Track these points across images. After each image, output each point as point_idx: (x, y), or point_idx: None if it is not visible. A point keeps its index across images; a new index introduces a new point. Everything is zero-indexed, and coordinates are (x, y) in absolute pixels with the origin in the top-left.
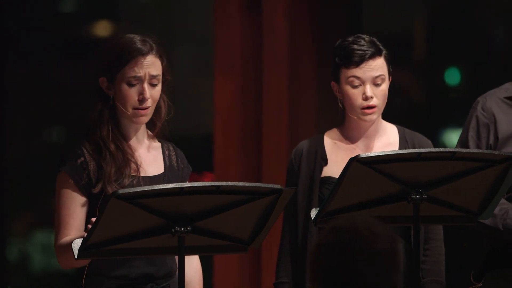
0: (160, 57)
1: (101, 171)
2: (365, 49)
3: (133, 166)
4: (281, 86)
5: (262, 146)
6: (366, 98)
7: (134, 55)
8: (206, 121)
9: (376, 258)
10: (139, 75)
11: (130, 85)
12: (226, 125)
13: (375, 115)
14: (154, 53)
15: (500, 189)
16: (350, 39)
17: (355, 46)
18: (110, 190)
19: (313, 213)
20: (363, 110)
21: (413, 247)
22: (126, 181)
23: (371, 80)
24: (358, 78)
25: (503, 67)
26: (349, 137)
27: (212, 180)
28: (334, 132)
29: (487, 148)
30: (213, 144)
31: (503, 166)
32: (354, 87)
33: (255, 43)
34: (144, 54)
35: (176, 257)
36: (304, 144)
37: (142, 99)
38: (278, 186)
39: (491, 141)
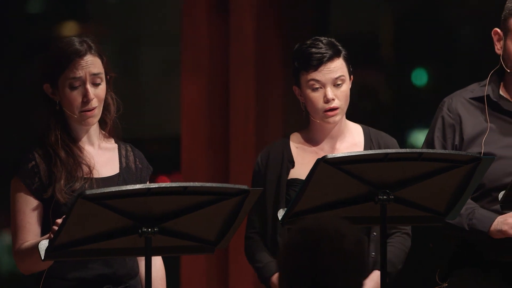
0: (100, 56)
1: (52, 176)
2: (323, 51)
3: (85, 168)
4: (248, 86)
5: (229, 147)
6: (327, 101)
7: (72, 57)
8: (173, 121)
9: (343, 258)
10: (79, 76)
11: (73, 87)
12: (193, 125)
13: (338, 117)
14: (92, 52)
15: (466, 190)
16: (308, 42)
17: (313, 50)
18: (60, 196)
19: (280, 213)
20: (325, 113)
21: (381, 247)
22: (78, 185)
23: (331, 82)
24: (318, 81)
25: (469, 68)
26: (314, 139)
27: (179, 181)
28: (299, 134)
29: (452, 149)
30: (180, 145)
31: (470, 166)
32: (315, 90)
33: (222, 43)
34: (82, 55)
35: (139, 258)
36: (270, 148)
37: (86, 100)
38: (245, 187)
39: (457, 141)
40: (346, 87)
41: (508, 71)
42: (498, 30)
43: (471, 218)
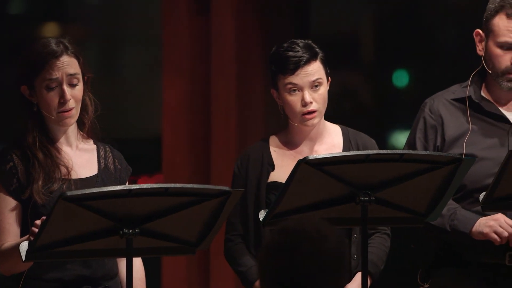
0: (76, 56)
1: (30, 177)
2: (300, 55)
3: (63, 169)
4: (229, 87)
5: (211, 148)
6: (305, 104)
7: (48, 58)
8: (155, 122)
9: (324, 259)
10: (55, 77)
11: (50, 89)
12: (174, 126)
13: (316, 119)
14: (69, 53)
15: (447, 191)
16: (285, 45)
17: (290, 53)
18: (37, 197)
19: (262, 214)
20: (303, 116)
21: (361, 248)
22: (56, 186)
23: (309, 85)
24: (295, 84)
25: (451, 69)
26: (293, 142)
27: (160, 182)
28: (279, 137)
29: (434, 150)
30: (161, 146)
31: (451, 167)
32: (292, 93)
33: (203, 44)
34: (58, 55)
35: (118, 259)
36: (249, 151)
37: (63, 101)
38: (226, 188)
39: (438, 142)
40: (323, 89)
41: (490, 72)
42: (480, 31)
43: (453, 219)
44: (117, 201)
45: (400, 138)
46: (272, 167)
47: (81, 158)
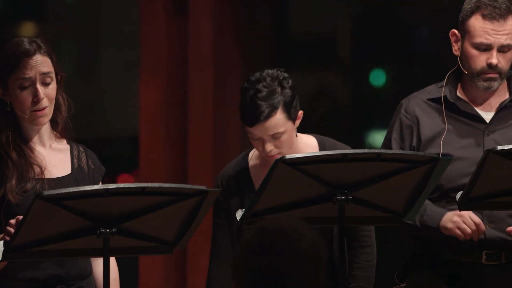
0: (49, 55)
1: (4, 177)
2: (258, 112)
3: (36, 169)
4: (206, 87)
5: (188, 147)
6: (268, 155)
7: (21, 57)
8: (132, 122)
9: (301, 259)
10: (28, 76)
11: (23, 88)
12: (151, 126)
13: (280, 155)
14: (42, 52)
15: (424, 190)
16: (249, 86)
17: (250, 106)
18: (11, 197)
19: (239, 214)
20: (268, 157)
21: (338, 248)
22: (29, 185)
23: (269, 137)
24: (255, 134)
25: (427, 69)
26: (271, 160)
27: (137, 181)
28: (257, 154)
29: (410, 150)
30: (138, 145)
31: (428, 167)
32: (254, 140)
33: (181, 44)
34: (31, 54)
35: (92, 259)
36: (229, 173)
37: (37, 100)
38: (203, 187)
39: (414, 143)
40: (286, 136)
41: (466, 72)
42: (456, 31)
43: (422, 214)
44: (94, 200)
45: (377, 138)
46: (253, 193)
47: (54, 157)
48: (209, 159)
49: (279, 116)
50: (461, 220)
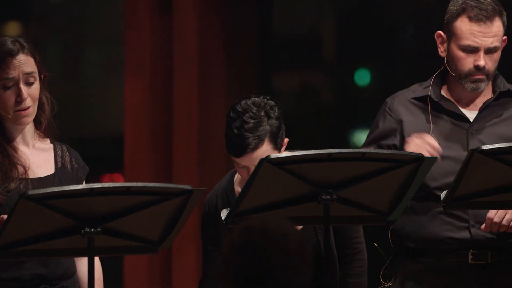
0: (33, 55)
1: None
2: (245, 143)
3: (20, 169)
4: (191, 87)
5: (173, 147)
6: None
7: (4, 57)
8: (117, 121)
9: (286, 258)
10: (12, 76)
11: (6, 87)
12: (136, 125)
13: None
14: (25, 51)
15: (409, 189)
16: (235, 116)
17: (237, 138)
18: None
19: (224, 213)
20: None
21: (322, 248)
22: (13, 185)
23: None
24: (241, 164)
25: (412, 69)
26: None
27: (122, 181)
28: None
29: (391, 149)
30: (123, 145)
31: (412, 166)
32: (240, 168)
33: (165, 44)
34: (14, 54)
35: (76, 258)
36: (215, 198)
37: (20, 100)
38: (188, 187)
39: (397, 141)
40: None
41: (454, 74)
42: (441, 33)
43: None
44: (79, 200)
45: (362, 137)
46: None
47: (38, 157)
48: (194, 159)
49: (266, 147)
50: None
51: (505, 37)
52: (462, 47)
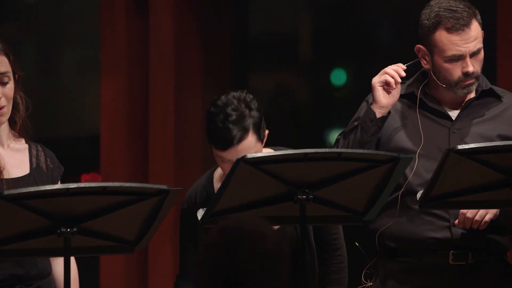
0: (6, 55)
1: None
2: (231, 136)
3: None
4: (167, 87)
5: (149, 146)
6: None
7: None
8: (92, 121)
9: (263, 259)
10: None
11: None
12: (112, 125)
13: None
14: None
15: (385, 189)
16: (217, 111)
17: (222, 131)
18: None
19: (200, 213)
20: None
21: (300, 248)
22: None
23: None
24: (226, 158)
25: None
26: None
27: (98, 181)
28: (221, 174)
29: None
30: (99, 145)
31: (389, 166)
32: (224, 162)
33: (141, 44)
34: None
35: (51, 258)
36: (194, 196)
37: None
38: (164, 187)
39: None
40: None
41: (444, 85)
42: (421, 46)
43: (355, 126)
44: (54, 200)
45: None
46: None
47: (13, 157)
48: (170, 159)
49: (251, 138)
50: (384, 73)
51: (482, 32)
52: (447, 59)
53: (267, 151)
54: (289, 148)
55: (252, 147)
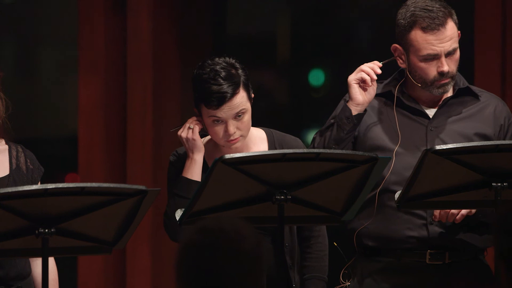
0: None
1: None
2: (223, 90)
3: None
4: (145, 87)
5: (127, 147)
6: (228, 135)
7: None
8: (71, 122)
9: (242, 259)
10: None
11: None
12: (90, 126)
13: (240, 143)
14: None
15: (363, 190)
16: (206, 71)
17: (214, 87)
18: None
19: (178, 213)
20: (227, 142)
21: (278, 247)
22: None
23: (233, 117)
24: (219, 117)
25: None
26: (220, 154)
27: (77, 181)
28: (207, 145)
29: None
30: (77, 145)
31: (367, 166)
32: (216, 124)
33: (120, 44)
34: None
35: (31, 259)
36: (181, 150)
37: None
38: (143, 187)
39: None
40: (247, 116)
41: (419, 84)
42: (397, 46)
43: (331, 123)
44: (33, 200)
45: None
46: (205, 169)
47: None
48: (148, 159)
49: (242, 94)
50: (360, 70)
51: (458, 32)
52: (422, 58)
53: (260, 131)
54: (285, 133)
55: (244, 103)
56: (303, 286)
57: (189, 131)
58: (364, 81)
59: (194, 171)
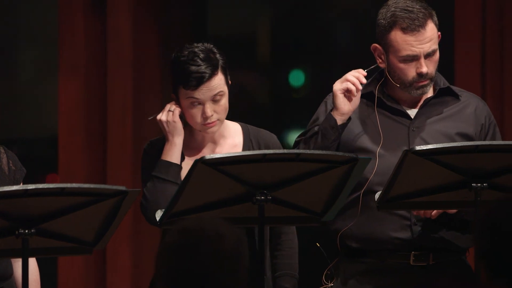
0: None
1: None
2: (202, 70)
3: None
4: (125, 87)
5: (107, 148)
6: (206, 118)
7: None
8: (51, 122)
9: (222, 259)
10: None
11: None
12: (70, 126)
13: (217, 127)
14: None
15: (344, 190)
16: (185, 54)
17: (192, 68)
18: None
19: (159, 214)
20: (204, 125)
21: (257, 247)
22: None
23: (210, 99)
24: (196, 99)
25: (347, 69)
26: (195, 145)
27: (57, 182)
28: (185, 130)
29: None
30: (57, 146)
31: (347, 167)
32: (194, 106)
33: (100, 44)
34: None
35: (13, 260)
36: (155, 141)
37: None
38: (123, 188)
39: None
40: (224, 100)
41: (398, 85)
42: (377, 45)
43: (316, 131)
44: (12, 201)
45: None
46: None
47: None
48: (128, 160)
49: (220, 76)
50: (345, 80)
51: (438, 33)
52: (401, 59)
53: (236, 125)
54: (262, 128)
55: (222, 85)
56: (275, 283)
57: (169, 113)
58: (350, 91)
59: (174, 154)
